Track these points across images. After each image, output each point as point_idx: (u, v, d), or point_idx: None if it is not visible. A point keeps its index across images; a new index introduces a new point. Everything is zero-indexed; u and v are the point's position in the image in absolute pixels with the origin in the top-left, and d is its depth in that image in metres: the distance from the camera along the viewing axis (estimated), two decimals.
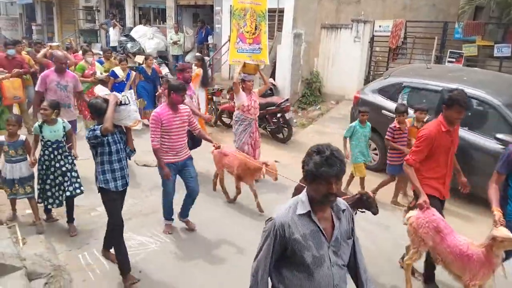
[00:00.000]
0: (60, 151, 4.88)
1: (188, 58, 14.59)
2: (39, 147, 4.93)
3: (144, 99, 8.93)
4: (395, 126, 5.85)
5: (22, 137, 4.92)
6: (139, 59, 11.77)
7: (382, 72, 9.77)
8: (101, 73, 8.75)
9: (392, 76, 7.18)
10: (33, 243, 4.60)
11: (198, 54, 10.71)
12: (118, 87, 8.72)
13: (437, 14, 13.23)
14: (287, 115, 8.49)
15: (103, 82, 8.56)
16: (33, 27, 22.97)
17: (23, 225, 5.00)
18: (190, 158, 5.03)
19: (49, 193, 4.90)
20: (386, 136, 5.91)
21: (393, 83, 7.00)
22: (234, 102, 6.54)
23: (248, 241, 4.73)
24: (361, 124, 6.16)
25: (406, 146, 5.79)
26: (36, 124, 4.87)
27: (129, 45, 14.26)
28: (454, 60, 9.86)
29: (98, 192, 4.10)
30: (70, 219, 5.05)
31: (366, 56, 11.04)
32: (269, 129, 8.88)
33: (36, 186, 4.99)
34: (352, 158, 6.24)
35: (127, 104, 3.97)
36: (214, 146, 5.22)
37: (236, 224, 5.36)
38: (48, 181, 4.88)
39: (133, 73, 9.04)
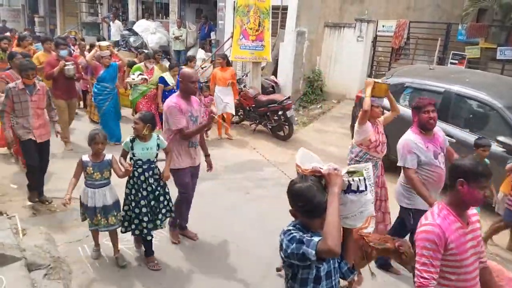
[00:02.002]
0: (151, 172, 4.13)
1: (190, 53, 14.58)
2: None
3: None
4: None
5: (108, 156, 4.11)
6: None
7: (384, 72, 9.77)
8: (137, 76, 7.88)
9: (394, 76, 7.17)
10: (33, 234, 4.59)
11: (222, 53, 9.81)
12: (168, 95, 7.65)
13: (440, 15, 13.23)
14: (289, 113, 8.49)
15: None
16: (36, 19, 22.92)
17: (23, 216, 5.00)
18: None
19: (136, 221, 4.16)
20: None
21: (395, 83, 6.95)
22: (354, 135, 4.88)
23: (250, 237, 4.75)
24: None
25: None
26: (128, 139, 4.11)
27: (131, 39, 14.25)
28: (456, 61, 9.87)
29: None
30: (149, 252, 4.30)
31: (368, 55, 11.04)
32: (270, 127, 8.88)
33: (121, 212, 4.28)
34: None
35: (362, 191, 2.17)
36: None
37: (239, 221, 5.37)
38: (137, 209, 4.12)
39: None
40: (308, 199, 2.07)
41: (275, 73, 11.42)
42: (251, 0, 9.01)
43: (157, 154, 4.15)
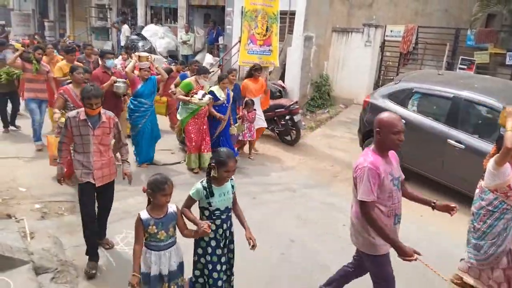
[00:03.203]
0: (229, 223, 3.35)
1: (198, 58, 14.66)
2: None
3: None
4: None
5: (172, 207, 3.17)
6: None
7: (392, 77, 9.73)
8: (203, 96, 6.67)
9: (402, 81, 7.14)
10: (41, 237, 4.62)
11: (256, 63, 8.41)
12: (219, 111, 6.99)
13: (449, 20, 13.17)
14: (296, 118, 8.48)
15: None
16: (45, 23, 23.21)
17: (31, 219, 5.02)
18: None
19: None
20: None
21: (403, 88, 6.96)
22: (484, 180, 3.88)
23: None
24: None
25: None
26: (199, 186, 3.20)
27: (140, 44, 14.36)
28: (465, 67, 9.81)
29: None
30: None
31: (376, 60, 11.01)
32: (277, 131, 8.87)
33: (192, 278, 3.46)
34: None
35: None
36: None
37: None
38: (215, 273, 3.29)
39: (231, 92, 7.28)
40: None
41: (282, 77, 11.43)
42: (259, 5, 9.03)
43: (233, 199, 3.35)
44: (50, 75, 7.52)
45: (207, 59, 13.36)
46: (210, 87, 7.11)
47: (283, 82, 11.21)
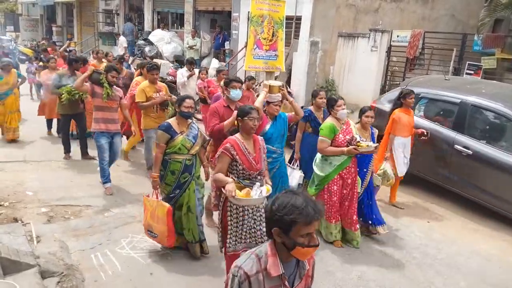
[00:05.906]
0: None
1: (205, 63, 14.72)
2: None
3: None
4: None
5: None
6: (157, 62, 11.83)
7: (398, 83, 9.71)
8: (361, 139, 4.76)
9: (409, 86, 7.12)
10: (47, 241, 4.64)
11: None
12: (363, 160, 5.03)
13: (456, 25, 13.13)
14: None
15: None
16: (53, 28, 23.46)
17: (38, 223, 5.05)
18: None
19: None
20: None
21: None
22: None
23: None
24: None
25: None
26: None
27: (147, 49, 14.44)
28: (472, 72, 9.75)
29: None
30: None
31: (382, 65, 10.98)
32: None
33: None
34: None
35: None
36: None
37: None
38: None
39: (375, 131, 5.26)
40: None
41: (288, 82, 11.43)
42: (265, 10, 9.05)
43: None
44: (123, 101, 6.29)
45: (213, 64, 13.38)
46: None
47: (289, 87, 11.21)
